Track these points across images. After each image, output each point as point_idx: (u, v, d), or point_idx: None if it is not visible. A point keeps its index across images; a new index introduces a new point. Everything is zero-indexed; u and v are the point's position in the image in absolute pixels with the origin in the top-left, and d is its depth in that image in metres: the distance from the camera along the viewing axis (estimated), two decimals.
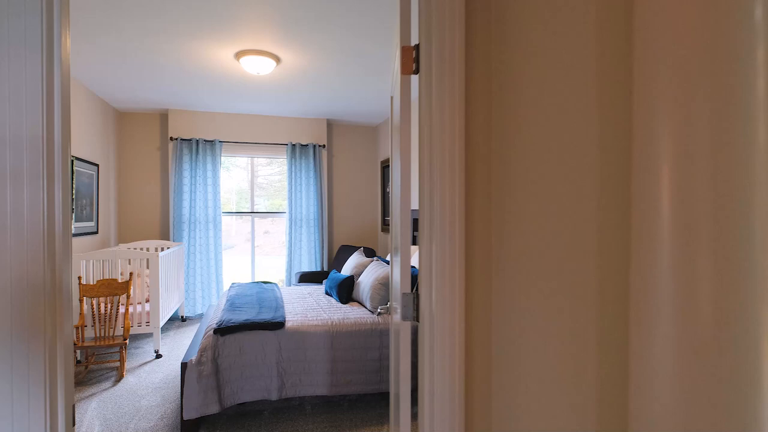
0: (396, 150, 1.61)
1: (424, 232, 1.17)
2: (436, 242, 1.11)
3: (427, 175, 1.16)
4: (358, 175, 6.00)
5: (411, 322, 1.23)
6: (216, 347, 2.57)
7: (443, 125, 1.11)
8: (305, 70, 3.77)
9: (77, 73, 3.85)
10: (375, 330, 2.82)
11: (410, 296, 1.23)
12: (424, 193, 1.18)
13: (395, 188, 1.71)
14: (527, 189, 0.88)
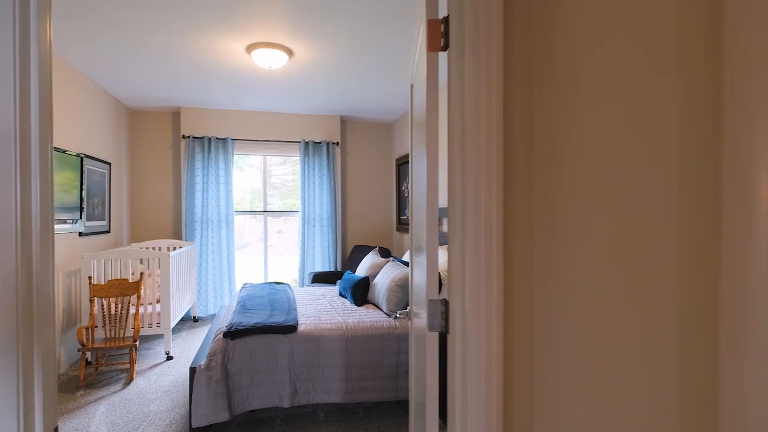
0: (420, 141, 1.46)
1: (455, 232, 1.03)
2: (469, 244, 0.96)
3: (459, 167, 1.01)
4: (373, 173, 5.86)
5: (439, 332, 1.09)
6: (225, 352, 2.45)
7: (478, 108, 0.96)
8: (318, 64, 3.64)
9: (88, 71, 3.79)
10: (392, 334, 2.68)
11: (438, 303, 1.08)
12: (454, 188, 1.03)
13: (417, 184, 1.57)
14: (586, 186, 0.73)
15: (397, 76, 3.95)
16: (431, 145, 1.11)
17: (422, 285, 1.45)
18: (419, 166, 1.56)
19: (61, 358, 3.46)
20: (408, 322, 2.72)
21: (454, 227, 1.04)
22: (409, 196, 5.05)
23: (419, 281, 1.63)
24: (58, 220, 3.03)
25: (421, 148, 1.39)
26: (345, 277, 3.52)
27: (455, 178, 1.02)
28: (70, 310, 3.63)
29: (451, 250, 1.06)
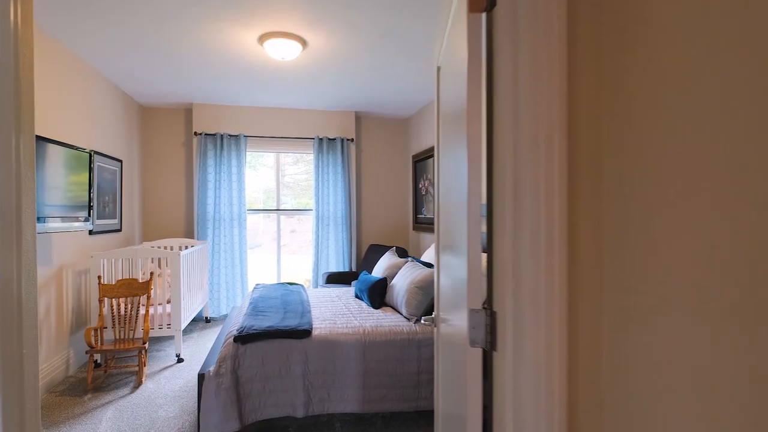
0: (453, 129, 1.29)
1: (504, 234, 0.85)
2: (523, 247, 0.79)
3: (510, 157, 0.83)
4: (389, 170, 5.69)
5: (482, 348, 0.91)
6: (236, 357, 2.31)
7: (535, 82, 0.79)
8: (333, 55, 3.49)
9: (99, 65, 3.69)
10: (412, 340, 2.51)
11: (481, 314, 0.91)
12: (503, 182, 0.86)
13: (448, 179, 1.39)
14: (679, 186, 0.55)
15: (416, 68, 3.77)
16: (474, 129, 0.93)
17: (455, 290, 1.27)
18: (451, 158, 1.38)
19: (70, 359, 3.37)
20: (431, 328, 2.55)
21: (502, 228, 0.86)
22: (426, 194, 4.88)
23: (449, 285, 1.46)
24: (66, 217, 2.94)
25: (456, 137, 1.22)
26: (361, 278, 3.36)
27: (504, 171, 0.85)
28: (79, 311, 3.54)
29: (498, 253, 0.88)
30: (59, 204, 2.86)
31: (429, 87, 4.32)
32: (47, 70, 3.03)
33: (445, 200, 1.47)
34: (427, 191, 4.92)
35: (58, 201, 2.85)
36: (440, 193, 1.62)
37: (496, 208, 0.89)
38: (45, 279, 3.03)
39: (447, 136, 1.43)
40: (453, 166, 1.27)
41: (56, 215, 2.81)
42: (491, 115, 0.97)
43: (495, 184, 0.91)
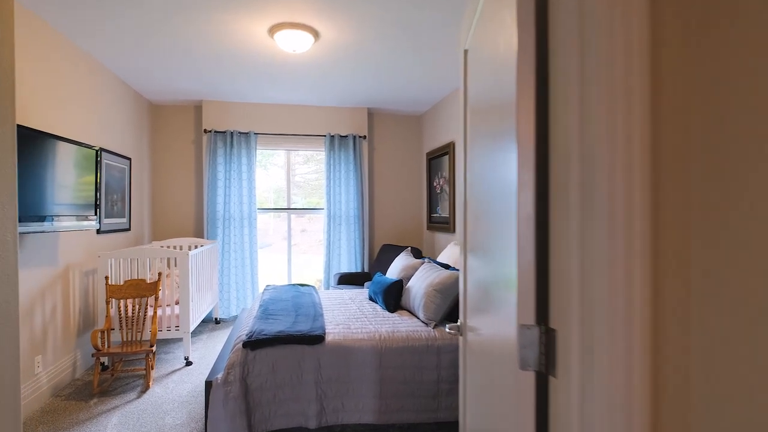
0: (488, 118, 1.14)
1: (565, 235, 0.70)
2: (596, 250, 0.63)
3: (576, 151, 0.68)
4: (402, 168, 5.54)
5: (535, 372, 0.76)
6: (245, 364, 2.18)
7: (610, 68, 0.63)
8: (346, 47, 3.35)
9: (106, 60, 3.60)
10: (432, 346, 2.36)
11: (535, 332, 0.75)
12: (564, 178, 0.70)
13: (479, 171, 1.24)
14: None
15: (432, 62, 3.61)
16: (525, 122, 0.78)
17: (488, 297, 1.12)
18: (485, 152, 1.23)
19: (77, 361, 3.28)
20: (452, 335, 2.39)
21: (563, 230, 0.71)
22: (440, 192, 4.71)
23: (479, 291, 1.30)
24: (72, 216, 2.84)
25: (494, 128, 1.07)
26: (376, 280, 3.22)
27: (568, 167, 0.69)
28: (86, 312, 3.46)
29: (557, 259, 0.73)
30: (65, 203, 2.77)
31: (445, 82, 4.15)
32: (55, 65, 2.94)
33: (475, 198, 1.32)
34: (442, 190, 4.76)
35: (65, 199, 2.76)
36: (468, 190, 1.47)
37: (557, 209, 0.74)
38: (51, 279, 2.94)
39: (479, 128, 1.27)
40: (488, 161, 1.12)
41: (62, 214, 2.72)
42: (539, 105, 0.81)
43: (553, 181, 0.75)
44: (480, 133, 1.26)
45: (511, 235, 0.83)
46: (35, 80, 2.75)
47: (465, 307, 1.53)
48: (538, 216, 0.79)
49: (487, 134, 1.15)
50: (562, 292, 0.71)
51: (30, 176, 2.44)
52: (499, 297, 1.01)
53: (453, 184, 4.41)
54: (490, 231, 1.13)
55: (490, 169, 1.10)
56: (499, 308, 1.01)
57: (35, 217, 2.48)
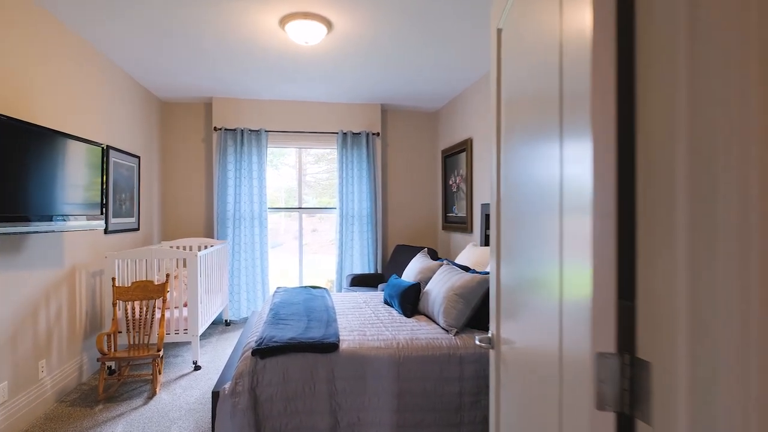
0: (537, 108, 0.97)
1: (671, 242, 0.53)
2: (719, 266, 0.46)
3: (684, 148, 0.52)
4: (416, 166, 5.37)
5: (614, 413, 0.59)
6: (254, 373, 2.04)
7: (727, 47, 0.47)
8: (360, 38, 3.19)
9: (116, 58, 3.51)
10: (453, 355, 2.19)
11: (615, 362, 0.59)
12: (667, 177, 0.54)
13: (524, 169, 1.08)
14: None
15: (448, 55, 3.44)
16: (605, 113, 0.62)
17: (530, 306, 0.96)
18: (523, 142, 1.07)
19: (83, 365, 3.19)
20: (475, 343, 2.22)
21: (663, 236, 0.54)
22: (457, 191, 4.52)
23: (516, 300, 1.14)
24: (77, 215, 2.74)
25: (542, 112, 0.91)
26: (392, 282, 3.06)
27: (673, 164, 0.53)
28: (93, 314, 3.36)
29: (653, 272, 0.56)
30: (70, 202, 2.66)
31: (463, 75, 3.97)
32: (62, 61, 2.84)
33: (514, 196, 1.16)
34: (458, 188, 4.58)
35: (70, 198, 2.66)
36: (502, 187, 1.31)
37: (647, 209, 0.57)
38: (56, 280, 2.85)
39: (521, 119, 1.11)
40: (536, 156, 0.96)
41: (67, 213, 2.62)
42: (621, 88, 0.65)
43: (641, 176, 0.59)
44: (522, 124, 1.09)
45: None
46: (41, 75, 2.65)
47: (498, 317, 1.36)
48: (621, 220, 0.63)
49: (533, 126, 0.99)
50: (658, 315, 0.54)
51: (32, 174, 2.34)
52: (550, 310, 0.84)
53: (471, 182, 4.23)
54: (536, 234, 0.96)
55: (539, 165, 0.93)
56: (550, 325, 0.84)
57: (37, 217, 2.37)
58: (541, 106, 0.94)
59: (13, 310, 2.45)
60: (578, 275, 0.66)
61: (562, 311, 0.75)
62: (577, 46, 0.72)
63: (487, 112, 3.89)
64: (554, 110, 0.84)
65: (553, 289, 0.82)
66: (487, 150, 3.90)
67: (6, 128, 2.13)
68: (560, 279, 0.77)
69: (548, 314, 0.86)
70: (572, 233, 0.70)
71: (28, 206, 2.31)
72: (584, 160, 0.65)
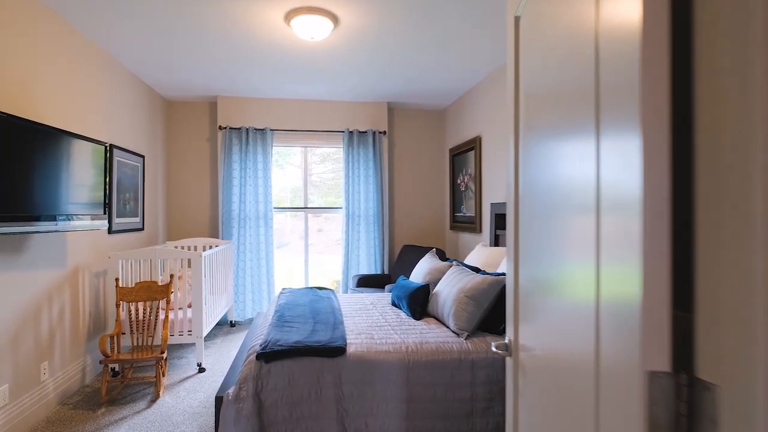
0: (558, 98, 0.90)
1: (746, 248, 0.45)
2: None
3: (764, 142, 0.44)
4: (423, 165, 5.29)
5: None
6: (259, 378, 1.98)
7: None
8: (366, 34, 3.12)
9: (120, 56, 3.46)
10: (465, 360, 2.11)
11: (671, 382, 0.51)
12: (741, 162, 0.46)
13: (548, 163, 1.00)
14: None
15: (458, 49, 3.35)
16: (659, 107, 0.54)
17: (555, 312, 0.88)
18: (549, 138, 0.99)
19: (86, 367, 3.14)
20: (487, 347, 2.14)
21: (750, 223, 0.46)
22: (465, 190, 4.44)
23: (538, 304, 1.06)
24: (79, 215, 2.69)
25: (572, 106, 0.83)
26: (399, 284, 2.98)
27: (740, 142, 0.45)
28: (97, 315, 3.32)
29: (710, 279, 0.48)
30: (72, 201, 2.62)
31: (471, 72, 3.88)
32: (66, 58, 2.80)
33: (536, 195, 1.08)
34: (467, 187, 4.49)
35: (72, 198, 2.61)
36: (521, 186, 1.23)
37: (721, 204, 0.49)
38: (58, 281, 2.80)
39: (544, 112, 1.03)
40: (567, 152, 0.88)
41: (69, 213, 2.57)
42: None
43: (706, 168, 0.51)
44: (545, 119, 1.02)
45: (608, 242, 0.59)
46: (45, 73, 2.60)
47: (516, 322, 1.28)
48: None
49: (560, 121, 0.91)
50: (726, 328, 0.46)
51: (34, 173, 2.29)
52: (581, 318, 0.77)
53: (480, 181, 4.15)
54: (564, 234, 0.89)
55: (568, 162, 0.85)
56: (582, 334, 0.77)
57: (39, 217, 2.32)
58: (570, 100, 0.86)
59: (14, 311, 2.41)
60: (621, 281, 0.58)
61: (600, 320, 0.67)
62: (619, 36, 0.64)
63: (497, 110, 3.80)
64: (587, 104, 0.77)
65: (586, 295, 0.74)
66: (497, 148, 3.81)
67: (6, 126, 2.08)
68: (596, 284, 0.69)
69: (579, 322, 0.79)
70: (613, 234, 0.62)
71: (29, 206, 2.27)
72: (629, 157, 0.57)
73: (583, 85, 0.79)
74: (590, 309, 0.72)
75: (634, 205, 0.55)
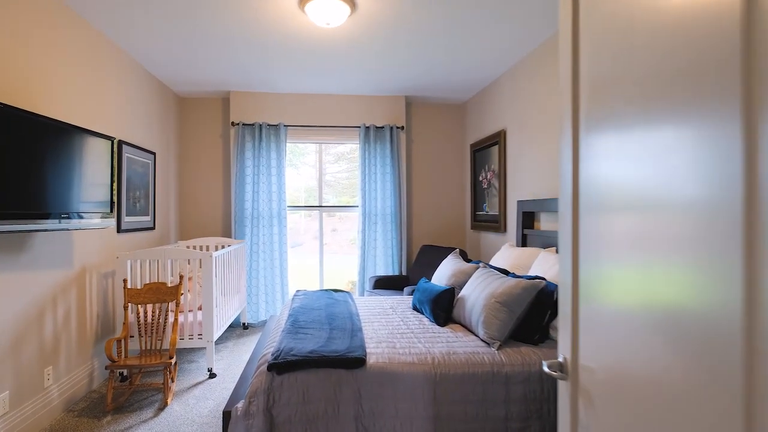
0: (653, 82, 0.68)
1: None
2: None
3: None
4: (443, 161, 5.07)
5: None
6: (270, 391, 1.79)
7: None
8: (384, 19, 2.92)
9: (131, 50, 3.33)
10: (498, 374, 1.89)
11: None
12: None
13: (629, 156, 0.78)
14: None
15: (483, 36, 3.13)
16: None
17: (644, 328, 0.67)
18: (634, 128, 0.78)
19: (94, 371, 3.01)
20: (521, 358, 1.91)
21: None
22: (488, 187, 4.20)
23: (606, 314, 0.85)
24: (84, 213, 2.56)
25: (698, 84, 0.61)
26: (422, 287, 2.77)
27: None
28: (106, 317, 3.19)
29: None
30: (77, 199, 2.48)
31: (496, 62, 3.64)
32: (76, 52, 2.67)
33: (618, 193, 0.86)
34: (490, 184, 4.26)
35: (76, 195, 2.48)
36: (582, 182, 1.01)
37: None
38: (64, 282, 2.67)
39: (632, 98, 0.81)
40: (679, 145, 0.67)
41: (73, 211, 2.43)
42: None
43: None
44: (636, 106, 0.80)
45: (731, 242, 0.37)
46: (54, 65, 2.47)
47: (574, 337, 1.07)
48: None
49: (665, 107, 0.70)
50: None
51: (34, 169, 2.15)
52: (711, 345, 0.55)
53: (504, 177, 3.91)
54: (672, 239, 0.67)
55: (683, 155, 0.64)
56: (709, 366, 0.55)
57: (41, 214, 2.19)
58: (685, 81, 0.65)
59: (14, 314, 2.27)
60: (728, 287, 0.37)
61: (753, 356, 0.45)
62: None
63: (525, 101, 3.56)
64: (724, 87, 0.56)
65: (719, 315, 0.53)
66: (525, 142, 3.57)
67: (7, 118, 1.94)
68: (745, 303, 0.47)
69: (705, 349, 0.57)
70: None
71: (31, 203, 2.13)
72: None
73: (713, 63, 0.58)
74: (732, 336, 0.50)
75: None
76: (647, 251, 0.75)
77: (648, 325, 0.76)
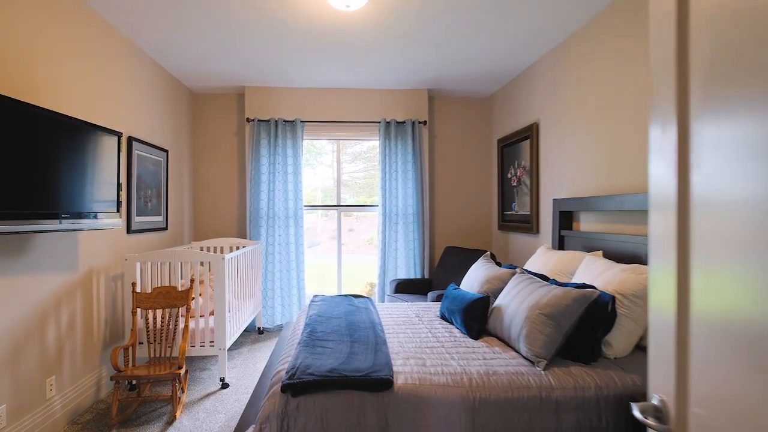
0: None
1: None
2: None
3: None
4: (468, 158, 4.79)
5: None
6: (284, 416, 1.56)
7: None
8: (406, 4, 2.67)
9: (144, 44, 3.16)
10: (547, 399, 1.63)
11: None
12: None
13: None
14: None
15: (513, 22, 2.84)
16: None
17: None
18: None
19: (101, 380, 2.85)
20: (563, 378, 1.64)
21: None
22: (518, 185, 3.89)
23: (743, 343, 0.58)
24: (89, 213, 2.39)
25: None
26: (451, 294, 2.51)
27: None
28: (114, 322, 3.03)
29: None
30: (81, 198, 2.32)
31: (526, 50, 3.35)
32: (87, 45, 2.50)
33: None
34: (519, 182, 3.97)
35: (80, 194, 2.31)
36: (696, 179, 0.75)
37: None
38: (68, 286, 2.51)
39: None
40: None
41: (76, 210, 2.26)
42: None
43: None
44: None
45: None
46: (65, 60, 2.30)
47: (682, 372, 0.81)
48: None
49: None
50: None
51: (35, 165, 1.97)
52: None
53: (537, 174, 3.62)
54: None
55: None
56: None
57: (42, 215, 2.01)
58: None
59: (11, 321, 2.11)
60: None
61: None
62: None
63: (561, 91, 3.26)
64: None
65: None
66: (561, 135, 3.27)
67: (10, 112, 1.77)
68: None
69: None
70: None
71: (32, 202, 1.95)
72: None
73: None
74: None
75: None
76: None
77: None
